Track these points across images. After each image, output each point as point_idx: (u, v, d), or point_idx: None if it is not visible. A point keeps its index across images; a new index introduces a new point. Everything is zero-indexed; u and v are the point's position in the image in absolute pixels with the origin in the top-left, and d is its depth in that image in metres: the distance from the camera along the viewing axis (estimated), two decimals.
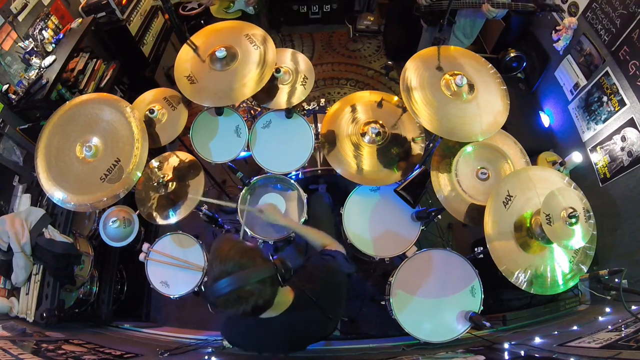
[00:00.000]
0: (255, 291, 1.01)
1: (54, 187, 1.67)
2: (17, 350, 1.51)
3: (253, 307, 1.01)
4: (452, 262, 1.82)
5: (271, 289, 1.05)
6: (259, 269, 1.03)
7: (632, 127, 2.03)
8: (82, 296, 2.28)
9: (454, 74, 1.74)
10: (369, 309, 2.51)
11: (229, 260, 1.02)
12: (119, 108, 1.79)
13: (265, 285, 1.03)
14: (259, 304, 1.03)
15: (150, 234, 2.80)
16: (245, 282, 0.99)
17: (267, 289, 1.03)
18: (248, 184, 2.10)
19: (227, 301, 1.00)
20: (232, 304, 1.01)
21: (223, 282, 0.99)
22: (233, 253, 1.04)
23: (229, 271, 1.00)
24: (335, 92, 3.83)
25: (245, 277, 1.00)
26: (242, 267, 1.01)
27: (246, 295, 1.00)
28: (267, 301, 1.06)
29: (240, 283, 0.99)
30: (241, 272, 1.00)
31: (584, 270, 1.58)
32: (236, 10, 2.99)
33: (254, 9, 3.00)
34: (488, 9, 2.40)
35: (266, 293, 1.03)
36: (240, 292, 0.99)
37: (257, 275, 1.01)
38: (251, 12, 3.02)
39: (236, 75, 1.86)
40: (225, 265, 1.01)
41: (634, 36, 2.00)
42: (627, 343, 1.21)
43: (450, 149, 1.82)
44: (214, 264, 1.04)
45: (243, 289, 0.99)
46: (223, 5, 2.95)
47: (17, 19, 2.42)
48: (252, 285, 1.00)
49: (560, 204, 1.50)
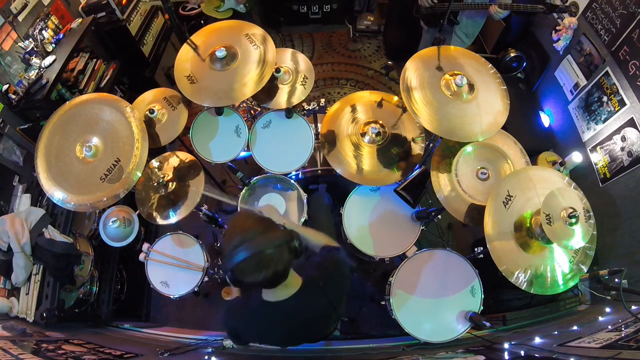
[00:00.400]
0: (275, 256, 1.03)
1: (54, 187, 1.67)
2: (17, 350, 1.51)
3: (274, 272, 1.03)
4: (452, 262, 1.82)
5: (288, 256, 1.07)
6: (277, 234, 1.07)
7: (632, 127, 2.03)
8: (82, 296, 2.28)
9: (454, 74, 1.74)
10: (369, 309, 2.51)
11: (247, 229, 1.05)
12: (119, 108, 1.79)
13: (283, 250, 1.05)
14: (279, 269, 1.04)
15: (150, 234, 2.80)
16: (266, 246, 1.02)
17: (285, 255, 1.05)
18: (248, 184, 2.10)
19: (247, 267, 1.01)
20: (252, 270, 1.02)
21: (243, 249, 1.01)
22: (250, 222, 1.08)
23: (248, 238, 1.02)
24: (335, 92, 3.83)
25: (266, 241, 1.02)
26: (261, 233, 1.04)
27: (267, 259, 1.02)
28: (285, 268, 1.07)
29: (262, 247, 1.01)
30: (261, 237, 1.03)
31: (584, 270, 1.58)
32: (227, 9, 2.98)
33: (244, 7, 2.98)
34: (496, 10, 2.39)
35: (285, 258, 1.05)
36: (261, 255, 1.01)
37: (276, 239, 1.04)
38: (242, 11, 3.01)
39: (236, 75, 1.86)
40: (244, 234, 1.04)
41: (634, 36, 2.00)
42: (627, 343, 1.21)
43: (450, 149, 1.82)
44: (233, 234, 1.06)
45: (264, 253, 1.01)
46: (213, 4, 2.93)
47: (17, 19, 2.42)
48: (273, 249, 1.02)
49: (560, 204, 1.50)
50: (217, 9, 2.96)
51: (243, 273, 1.03)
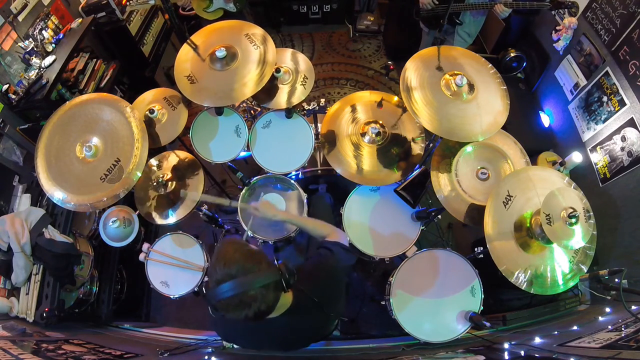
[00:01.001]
0: (258, 296, 0.98)
1: (54, 187, 1.67)
2: (17, 350, 1.51)
3: (255, 312, 0.99)
4: (452, 262, 1.82)
5: (274, 295, 1.03)
6: (264, 273, 1.01)
7: (632, 127, 2.02)
8: (82, 296, 2.28)
9: (454, 74, 1.73)
10: (369, 309, 2.51)
11: (233, 264, 1.00)
12: (119, 108, 1.79)
13: (268, 290, 1.01)
14: (262, 309, 1.00)
15: (150, 234, 2.80)
16: (249, 287, 0.97)
17: (270, 295, 1.01)
18: (248, 184, 2.10)
19: (229, 305, 0.98)
20: (234, 309, 0.98)
21: (226, 286, 0.96)
22: (238, 256, 1.02)
23: (232, 274, 0.98)
24: (335, 92, 3.83)
25: (249, 282, 0.98)
26: (247, 272, 0.99)
27: (249, 300, 0.98)
28: (270, 307, 1.03)
29: (244, 288, 0.97)
30: (245, 276, 0.98)
31: (584, 270, 1.58)
32: (216, 9, 2.95)
33: (235, 7, 2.95)
34: (502, 9, 2.38)
35: (269, 298, 1.01)
36: (244, 296, 0.97)
37: (261, 280, 0.99)
38: (233, 10, 2.97)
39: (236, 75, 1.86)
40: (229, 269, 0.99)
41: (634, 36, 2.00)
42: (627, 343, 1.21)
43: (450, 149, 1.82)
44: (217, 266, 1.01)
45: (246, 294, 0.97)
46: (202, 5, 2.90)
47: (17, 19, 2.42)
48: (256, 290, 0.98)
49: (560, 204, 1.50)
50: (206, 9, 2.93)
51: (224, 310, 1.00)
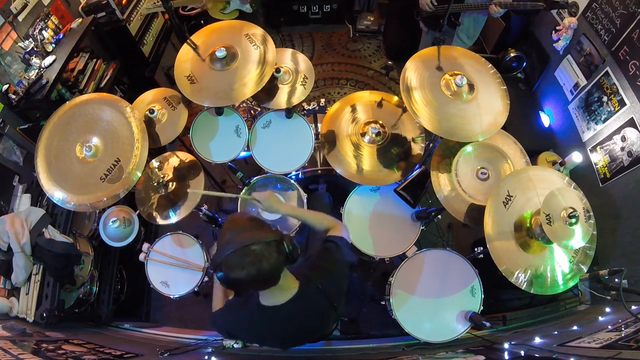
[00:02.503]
0: (260, 252, 1.01)
1: (54, 187, 1.67)
2: (17, 350, 1.51)
3: (258, 270, 1.01)
4: (452, 262, 1.82)
5: (277, 256, 1.04)
6: (267, 233, 1.06)
7: (632, 127, 2.03)
8: (82, 296, 2.28)
9: (454, 74, 1.74)
10: (369, 309, 2.51)
11: (236, 225, 1.09)
12: (119, 108, 1.79)
13: (270, 248, 1.03)
14: (264, 267, 1.01)
15: (150, 234, 2.80)
16: (251, 241, 1.01)
17: (272, 253, 1.03)
18: (248, 184, 2.10)
19: (232, 261, 1.01)
20: (236, 264, 1.01)
21: (231, 243, 1.02)
22: (243, 220, 1.12)
23: (236, 233, 1.05)
24: (335, 92, 3.83)
25: (253, 236, 1.03)
26: (249, 229, 1.06)
27: (251, 254, 1.01)
28: (273, 268, 1.04)
29: (248, 241, 1.01)
30: (248, 232, 1.05)
31: (584, 270, 1.58)
32: (233, 11, 2.98)
33: (251, 7, 2.97)
34: (495, 10, 2.38)
35: (271, 257, 1.03)
36: (247, 250, 1.00)
37: (263, 236, 1.04)
38: (248, 11, 3.00)
39: (236, 75, 1.86)
40: (232, 230, 1.07)
41: (634, 36, 2.00)
42: (627, 343, 1.21)
43: (450, 149, 1.82)
44: (224, 233, 1.09)
45: (249, 247, 1.01)
46: (218, 7, 2.92)
47: (17, 19, 2.42)
48: (258, 245, 1.02)
49: (560, 204, 1.50)
50: (222, 11, 2.95)
51: (229, 268, 1.02)
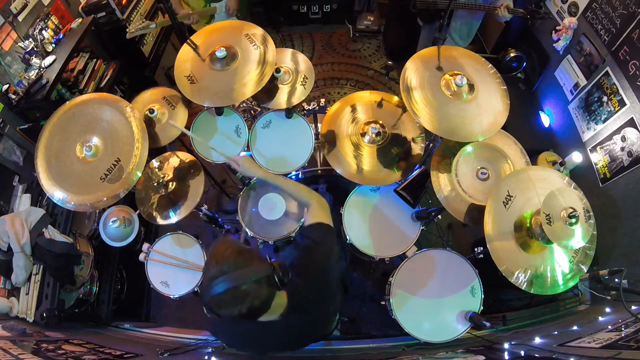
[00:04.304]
0: (251, 291, 0.98)
1: (54, 187, 1.67)
2: (17, 350, 1.51)
3: (249, 308, 0.98)
4: (452, 262, 1.82)
5: (268, 290, 1.02)
6: (256, 269, 1.01)
7: (632, 127, 2.03)
8: (82, 296, 2.28)
9: (454, 74, 1.73)
10: (369, 309, 2.51)
11: (225, 260, 1.00)
12: (119, 108, 1.79)
13: (261, 285, 1.00)
14: (255, 305, 0.99)
15: (150, 234, 2.80)
16: (241, 281, 0.97)
17: (263, 290, 1.01)
18: (248, 184, 2.10)
19: (222, 301, 0.98)
20: (227, 304, 0.98)
21: (218, 282, 0.97)
22: (229, 253, 1.02)
23: (224, 271, 0.98)
24: (335, 92, 3.83)
25: (241, 276, 0.98)
26: (238, 267, 0.99)
27: (242, 295, 0.97)
28: (264, 303, 1.02)
29: (236, 282, 0.97)
30: (237, 271, 0.98)
31: (584, 270, 1.58)
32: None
33: (237, 18, 2.97)
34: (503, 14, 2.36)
35: (262, 294, 1.01)
36: (236, 291, 0.97)
37: (253, 274, 0.99)
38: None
39: (236, 75, 1.86)
40: (221, 265, 0.99)
41: (634, 36, 2.00)
42: (627, 343, 1.21)
43: (450, 149, 1.82)
44: (211, 264, 1.01)
45: (238, 289, 0.97)
46: (204, 20, 2.89)
47: (17, 19, 2.42)
48: (248, 284, 0.98)
49: (560, 204, 1.50)
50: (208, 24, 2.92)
51: (218, 307, 0.99)
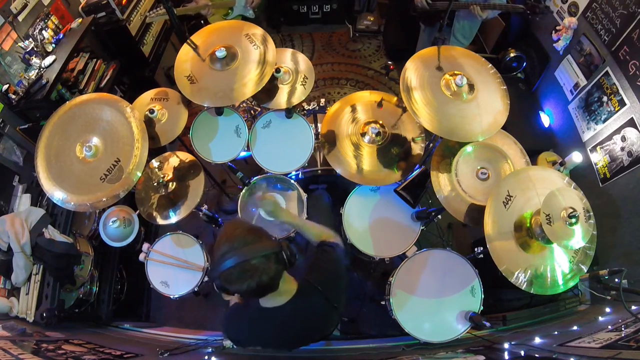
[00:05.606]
0: (259, 266, 1.03)
1: (54, 187, 1.67)
2: (17, 350, 1.51)
3: (258, 283, 1.03)
4: (452, 262, 1.82)
5: (276, 267, 1.06)
6: (264, 245, 1.06)
7: (632, 127, 2.03)
8: (82, 296, 2.28)
9: (454, 74, 1.73)
10: (369, 309, 2.51)
11: (235, 238, 1.06)
12: (119, 108, 1.79)
13: (270, 261, 1.05)
14: (264, 280, 1.04)
15: (150, 234, 2.80)
16: (250, 256, 1.02)
17: (271, 266, 1.05)
18: (248, 184, 2.10)
19: (232, 275, 1.02)
20: (236, 279, 1.03)
21: (228, 256, 1.02)
22: (239, 231, 1.08)
23: (234, 247, 1.03)
24: (335, 92, 3.83)
25: (250, 251, 1.03)
26: (248, 243, 1.04)
27: (251, 269, 1.02)
28: (272, 279, 1.07)
29: (245, 257, 1.01)
30: (247, 246, 1.03)
31: (584, 270, 1.58)
32: (236, 16, 2.97)
33: (254, 12, 2.97)
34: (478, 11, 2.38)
35: (271, 269, 1.05)
36: (245, 265, 1.01)
37: (262, 250, 1.04)
38: (251, 16, 3.00)
39: (236, 75, 1.86)
40: (231, 243, 1.05)
41: (634, 36, 2.00)
42: (627, 343, 1.21)
43: (450, 149, 1.82)
44: (221, 243, 1.07)
45: (248, 263, 1.02)
46: (221, 12, 2.91)
47: (17, 19, 2.42)
48: (257, 259, 1.02)
49: (560, 204, 1.50)
50: (225, 17, 2.94)
51: (228, 281, 1.04)
